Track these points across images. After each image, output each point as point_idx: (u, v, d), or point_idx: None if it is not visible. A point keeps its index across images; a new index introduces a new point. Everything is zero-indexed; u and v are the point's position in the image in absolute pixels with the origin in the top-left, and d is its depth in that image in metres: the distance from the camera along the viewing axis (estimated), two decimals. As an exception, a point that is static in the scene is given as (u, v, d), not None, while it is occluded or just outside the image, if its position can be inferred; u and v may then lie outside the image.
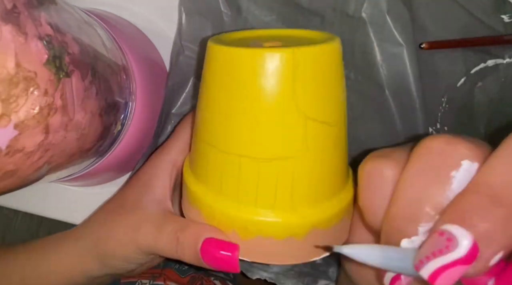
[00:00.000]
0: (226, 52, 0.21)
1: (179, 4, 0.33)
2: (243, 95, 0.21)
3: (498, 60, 0.32)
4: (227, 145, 0.22)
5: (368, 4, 0.31)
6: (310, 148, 0.21)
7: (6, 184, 0.23)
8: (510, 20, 0.32)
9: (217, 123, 0.22)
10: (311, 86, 0.20)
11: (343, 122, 0.23)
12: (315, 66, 0.20)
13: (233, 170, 0.22)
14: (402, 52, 0.31)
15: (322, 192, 0.22)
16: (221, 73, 0.21)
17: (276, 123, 0.20)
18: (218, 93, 0.22)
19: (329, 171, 0.22)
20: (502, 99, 0.33)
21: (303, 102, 0.20)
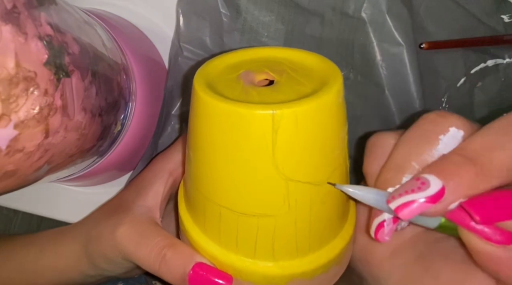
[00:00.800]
0: (206, 102, 0.20)
1: (177, 6, 0.33)
2: (223, 148, 0.20)
3: (498, 60, 0.32)
4: (209, 193, 0.21)
5: (368, 4, 0.31)
6: (292, 207, 0.20)
7: (6, 184, 0.23)
8: (510, 20, 0.32)
9: (201, 169, 0.21)
10: (294, 147, 0.19)
11: (337, 177, 0.21)
12: (299, 127, 0.19)
13: (214, 217, 0.22)
14: (402, 52, 0.31)
15: (307, 245, 0.22)
16: (203, 121, 0.20)
17: (255, 182, 0.20)
18: (201, 140, 0.21)
19: (316, 226, 0.21)
20: (502, 99, 0.33)
21: (283, 164, 0.19)
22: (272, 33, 0.33)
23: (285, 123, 0.18)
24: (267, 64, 0.23)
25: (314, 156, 0.20)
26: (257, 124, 0.18)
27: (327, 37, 0.32)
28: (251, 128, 0.18)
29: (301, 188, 0.20)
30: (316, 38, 0.32)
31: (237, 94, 0.20)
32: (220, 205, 0.21)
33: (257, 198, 0.20)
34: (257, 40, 0.33)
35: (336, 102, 0.20)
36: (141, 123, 0.33)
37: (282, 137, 0.18)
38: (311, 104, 0.18)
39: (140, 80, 0.32)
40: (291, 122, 0.18)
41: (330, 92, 0.19)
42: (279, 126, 0.18)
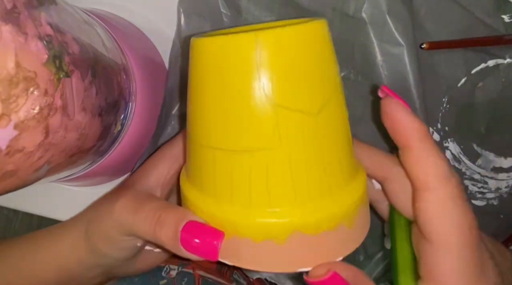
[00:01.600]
0: (194, 43, 0.20)
1: (178, 5, 0.33)
2: (211, 84, 0.20)
3: (498, 60, 0.32)
4: (203, 138, 0.21)
5: (368, 4, 0.31)
6: (283, 139, 0.19)
7: (6, 184, 0.23)
8: (511, 20, 0.32)
9: (194, 116, 0.21)
10: (280, 70, 0.19)
11: (332, 110, 0.20)
12: (284, 50, 0.19)
13: (209, 165, 0.21)
14: (402, 52, 0.31)
15: (306, 190, 0.20)
16: (193, 66, 0.21)
17: (245, 112, 0.19)
18: (193, 86, 0.21)
19: (315, 166, 0.20)
20: (502, 99, 0.33)
21: (270, 87, 0.19)
22: (272, 33, 0.33)
23: (268, 44, 0.19)
24: (262, 27, 0.23)
25: (302, 82, 0.19)
26: (242, 48, 0.19)
27: (327, 37, 0.32)
28: (237, 53, 0.19)
29: (291, 117, 0.19)
30: (316, 38, 0.32)
31: None
32: (213, 147, 0.20)
33: (248, 129, 0.19)
34: (258, 40, 0.33)
35: (319, 34, 0.20)
36: (141, 123, 0.33)
37: (267, 59, 0.19)
38: (293, 28, 0.19)
39: (140, 80, 0.32)
40: (274, 42, 0.19)
41: (312, 23, 0.20)
42: (262, 47, 0.18)
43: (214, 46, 0.20)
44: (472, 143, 0.34)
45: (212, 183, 0.21)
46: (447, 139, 0.34)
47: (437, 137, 0.34)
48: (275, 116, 0.19)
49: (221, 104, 0.20)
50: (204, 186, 0.22)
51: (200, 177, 0.22)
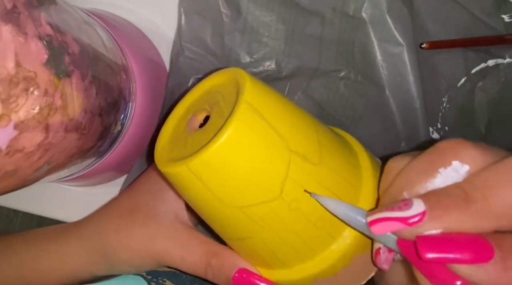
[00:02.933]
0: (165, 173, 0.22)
1: (179, 5, 0.33)
2: (193, 197, 0.22)
3: (498, 60, 0.32)
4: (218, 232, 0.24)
5: (368, 4, 0.31)
6: (265, 226, 0.21)
7: (6, 184, 0.23)
8: (511, 20, 0.32)
9: (226, 222, 0.23)
10: (226, 181, 0.20)
11: (291, 188, 0.21)
12: (216, 167, 0.20)
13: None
14: (402, 52, 0.31)
15: (312, 246, 0.22)
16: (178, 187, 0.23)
17: (227, 214, 0.21)
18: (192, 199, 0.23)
19: (306, 233, 0.22)
20: (502, 99, 0.33)
21: (228, 197, 0.21)
22: (272, 33, 0.33)
23: (201, 169, 0.20)
24: (207, 98, 0.24)
25: (252, 181, 0.20)
26: (186, 178, 0.20)
27: (327, 37, 0.32)
28: (184, 181, 0.21)
29: (257, 210, 0.21)
30: (316, 38, 0.32)
31: (182, 149, 0.23)
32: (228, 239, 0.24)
33: (235, 225, 0.22)
34: (258, 40, 0.33)
35: (241, 124, 0.20)
36: (141, 123, 0.33)
37: (208, 179, 0.20)
38: (212, 147, 0.19)
39: (140, 80, 0.32)
40: (206, 166, 0.20)
41: (227, 128, 0.20)
42: (199, 173, 0.20)
43: (168, 177, 0.22)
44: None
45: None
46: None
47: (437, 136, 0.34)
48: (245, 215, 0.21)
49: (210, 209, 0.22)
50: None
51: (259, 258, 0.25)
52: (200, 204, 0.22)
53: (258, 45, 0.33)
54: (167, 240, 0.26)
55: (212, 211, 0.22)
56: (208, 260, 0.25)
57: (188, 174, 0.20)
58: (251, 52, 0.33)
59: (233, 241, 0.24)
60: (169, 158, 0.22)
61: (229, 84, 0.23)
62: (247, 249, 0.23)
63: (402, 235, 0.17)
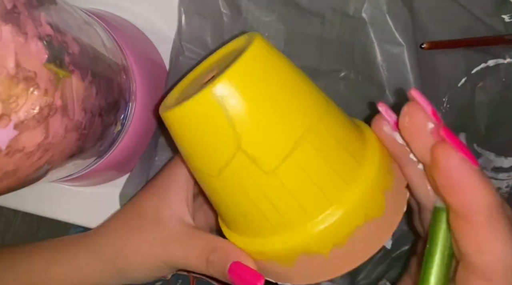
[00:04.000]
0: (165, 116, 0.23)
1: (179, 5, 0.33)
2: (194, 144, 0.22)
3: (498, 60, 0.32)
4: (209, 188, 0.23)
5: (368, 4, 0.31)
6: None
7: (6, 184, 0.23)
8: (511, 20, 0.32)
9: (192, 168, 0.23)
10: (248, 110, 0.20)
11: (322, 128, 0.21)
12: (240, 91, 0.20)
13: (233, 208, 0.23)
14: (402, 52, 0.31)
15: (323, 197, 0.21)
16: (176, 135, 0.23)
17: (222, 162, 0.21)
18: (184, 150, 0.23)
19: (316, 183, 0.21)
20: (502, 99, 0.33)
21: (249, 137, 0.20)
22: (272, 33, 0.33)
23: (225, 93, 0.20)
24: (219, 63, 0.24)
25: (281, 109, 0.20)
26: (206, 105, 0.20)
27: (327, 37, 0.32)
28: (205, 115, 0.20)
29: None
30: (316, 39, 0.32)
31: None
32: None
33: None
34: (258, 40, 0.33)
35: (261, 54, 0.20)
36: (141, 123, 0.33)
37: (230, 106, 0.20)
38: (235, 66, 0.20)
39: (140, 80, 0.32)
40: (229, 87, 0.20)
41: (252, 47, 0.20)
42: (222, 98, 0.20)
43: (183, 115, 0.21)
44: (472, 143, 0.34)
45: (245, 224, 0.23)
46: (447, 139, 0.34)
47: (437, 137, 0.34)
48: None
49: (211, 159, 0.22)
50: (237, 227, 0.24)
51: (234, 221, 0.24)
52: (197, 150, 0.22)
53: (258, 45, 0.33)
54: (171, 243, 0.27)
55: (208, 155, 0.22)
56: (207, 256, 0.26)
57: (194, 109, 0.20)
58: (251, 52, 0.33)
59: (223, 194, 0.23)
60: (170, 105, 0.23)
61: (241, 47, 0.23)
62: (243, 207, 0.22)
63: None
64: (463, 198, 0.17)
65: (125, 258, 0.28)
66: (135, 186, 0.35)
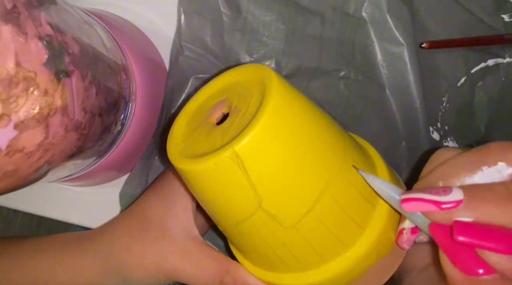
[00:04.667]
0: (189, 170, 0.21)
1: (178, 5, 0.33)
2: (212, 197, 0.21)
3: (498, 60, 0.32)
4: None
5: (368, 4, 0.31)
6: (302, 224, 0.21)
7: (6, 184, 0.23)
8: (511, 19, 0.32)
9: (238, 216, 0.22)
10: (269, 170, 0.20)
11: (334, 186, 0.21)
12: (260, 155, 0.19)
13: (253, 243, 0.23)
14: (402, 51, 0.31)
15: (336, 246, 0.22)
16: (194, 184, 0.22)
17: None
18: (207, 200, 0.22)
19: (331, 232, 0.22)
20: (502, 98, 0.33)
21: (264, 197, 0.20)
22: (272, 32, 0.33)
23: (246, 156, 0.19)
24: (225, 94, 0.23)
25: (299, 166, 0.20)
26: (210, 173, 0.19)
27: (327, 36, 0.32)
28: (206, 176, 0.20)
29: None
30: (316, 38, 0.32)
31: (200, 144, 0.22)
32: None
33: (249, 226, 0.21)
34: (258, 40, 0.33)
35: (282, 106, 0.19)
36: (141, 123, 0.33)
37: (252, 168, 0.19)
38: (242, 142, 0.19)
39: (140, 80, 0.32)
40: (250, 150, 0.19)
41: (268, 104, 0.19)
42: (242, 161, 0.19)
43: (200, 171, 0.20)
44: (472, 142, 0.34)
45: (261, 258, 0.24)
46: (447, 138, 0.34)
47: (437, 136, 0.34)
48: None
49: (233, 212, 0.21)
50: (258, 260, 0.24)
51: (248, 253, 0.25)
52: (215, 203, 0.21)
53: (258, 45, 0.33)
54: (179, 258, 0.27)
55: (229, 211, 0.21)
56: (221, 278, 0.26)
57: (214, 168, 0.19)
58: (251, 51, 0.33)
59: (244, 237, 0.23)
60: (187, 154, 0.21)
61: (252, 82, 0.22)
62: (260, 250, 0.23)
63: (434, 217, 0.18)
64: None
65: (129, 270, 0.28)
66: (135, 186, 0.35)
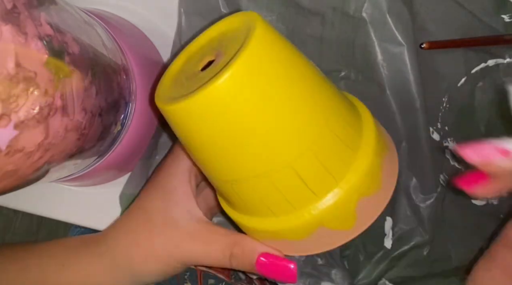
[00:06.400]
0: (169, 111, 0.22)
1: (179, 5, 0.33)
2: (207, 135, 0.22)
3: (498, 60, 0.32)
4: (231, 174, 0.23)
5: (368, 4, 0.31)
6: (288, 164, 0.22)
7: (6, 184, 0.23)
8: (511, 20, 0.32)
9: (212, 162, 0.23)
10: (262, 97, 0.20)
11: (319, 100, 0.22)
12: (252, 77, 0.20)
13: (245, 193, 0.24)
14: (402, 52, 0.31)
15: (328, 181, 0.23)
16: (183, 127, 0.22)
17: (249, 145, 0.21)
18: (194, 142, 0.23)
19: (319, 169, 0.22)
20: (502, 99, 0.33)
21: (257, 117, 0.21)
22: (272, 33, 0.32)
23: (220, 96, 0.19)
24: (214, 44, 0.24)
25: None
26: (187, 114, 0.20)
27: (327, 37, 0.32)
28: (185, 118, 0.21)
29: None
30: (316, 38, 0.32)
31: (183, 88, 0.22)
32: (227, 181, 0.23)
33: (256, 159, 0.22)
34: (258, 40, 0.33)
35: (266, 43, 0.21)
36: (141, 123, 0.33)
37: (224, 111, 0.20)
38: (213, 85, 0.19)
39: (140, 80, 0.32)
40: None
41: (252, 38, 0.20)
42: (216, 101, 0.20)
43: (198, 108, 0.21)
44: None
45: (253, 206, 0.24)
46: (447, 139, 0.34)
47: (437, 136, 0.34)
48: None
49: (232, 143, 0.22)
50: (242, 209, 0.25)
51: (235, 202, 0.25)
52: (196, 143, 0.22)
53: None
54: (189, 242, 0.27)
55: (212, 149, 0.22)
56: (230, 251, 0.26)
57: (189, 111, 0.20)
58: (251, 52, 0.33)
59: (227, 183, 0.24)
60: (170, 97, 0.22)
61: (241, 29, 0.23)
62: (262, 190, 0.23)
63: (495, 168, 0.20)
64: None
65: (139, 264, 0.28)
66: (136, 186, 0.35)
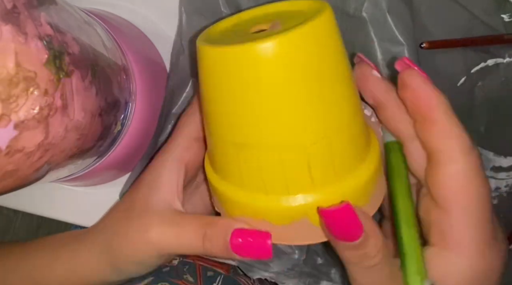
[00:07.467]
0: (209, 51, 0.20)
1: (179, 5, 0.33)
2: (243, 90, 0.20)
3: (498, 60, 0.32)
4: (244, 137, 0.22)
5: (368, 4, 0.31)
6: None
7: (6, 184, 0.23)
8: (511, 19, 0.32)
9: (230, 119, 0.22)
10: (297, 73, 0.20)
11: (340, 94, 0.22)
12: (303, 51, 0.20)
13: (235, 160, 0.22)
14: (403, 51, 0.31)
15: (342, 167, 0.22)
16: (209, 72, 0.21)
17: (267, 112, 0.20)
18: (223, 92, 0.21)
19: (326, 156, 0.22)
20: (502, 99, 0.33)
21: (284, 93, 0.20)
22: (272, 32, 0.32)
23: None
24: (270, 17, 0.24)
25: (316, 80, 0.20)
26: (257, 58, 0.19)
27: (327, 36, 0.32)
28: (253, 64, 0.19)
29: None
30: (316, 38, 0.32)
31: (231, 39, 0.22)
32: (238, 143, 0.22)
33: (280, 128, 0.21)
34: (257, 40, 0.33)
35: (327, 28, 0.21)
36: (141, 123, 0.33)
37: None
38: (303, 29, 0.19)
39: (140, 80, 0.32)
40: (294, 45, 0.19)
41: (318, 18, 0.20)
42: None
43: (233, 56, 0.20)
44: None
45: (248, 177, 0.22)
46: (447, 139, 0.34)
47: (437, 136, 0.34)
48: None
49: (254, 105, 0.21)
50: (233, 178, 0.23)
51: (240, 174, 0.23)
52: (223, 94, 0.21)
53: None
54: (161, 227, 0.26)
55: (254, 105, 0.21)
56: (203, 232, 0.25)
57: (241, 57, 0.19)
58: (251, 52, 0.33)
59: (234, 146, 0.22)
60: (212, 41, 0.21)
61: (305, 12, 0.22)
62: (264, 163, 0.22)
63: None
64: (424, 102, 0.22)
65: (116, 250, 0.28)
66: (135, 186, 0.35)
